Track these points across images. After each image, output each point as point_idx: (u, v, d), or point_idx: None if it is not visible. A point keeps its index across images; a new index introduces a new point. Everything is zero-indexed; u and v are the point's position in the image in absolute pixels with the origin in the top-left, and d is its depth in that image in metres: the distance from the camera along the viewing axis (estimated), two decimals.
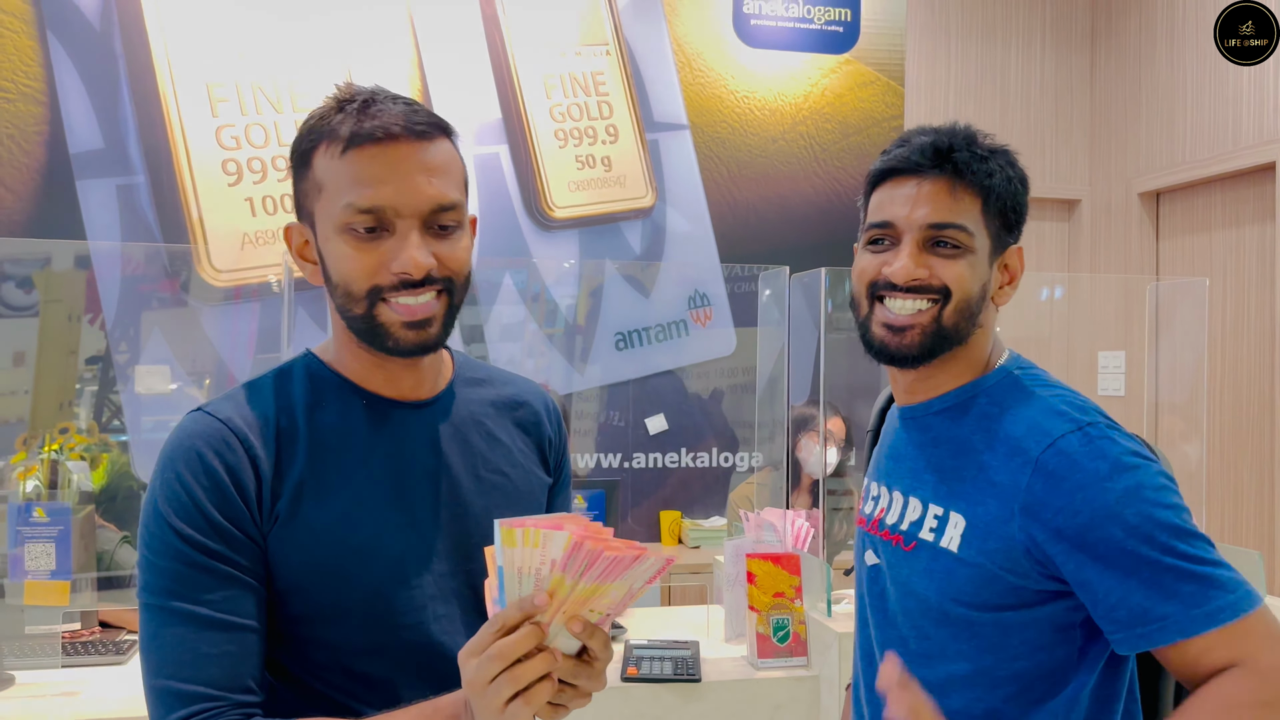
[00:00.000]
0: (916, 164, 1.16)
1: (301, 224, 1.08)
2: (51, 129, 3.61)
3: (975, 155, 1.15)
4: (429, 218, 1.02)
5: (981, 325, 1.18)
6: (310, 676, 1.06)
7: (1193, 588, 1.01)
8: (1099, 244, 4.63)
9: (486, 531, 1.12)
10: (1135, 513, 1.03)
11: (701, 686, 2.16)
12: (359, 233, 1.01)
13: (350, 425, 1.08)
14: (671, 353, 4.17)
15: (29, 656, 2.13)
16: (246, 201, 3.75)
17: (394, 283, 1.01)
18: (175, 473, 1.01)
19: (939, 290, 1.14)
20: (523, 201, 4.04)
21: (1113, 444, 1.07)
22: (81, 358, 3.58)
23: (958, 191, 1.14)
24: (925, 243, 1.15)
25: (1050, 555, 1.06)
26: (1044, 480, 1.07)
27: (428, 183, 1.01)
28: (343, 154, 1.01)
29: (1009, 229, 1.19)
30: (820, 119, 4.36)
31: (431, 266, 1.01)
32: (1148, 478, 1.05)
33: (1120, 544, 1.03)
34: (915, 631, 1.18)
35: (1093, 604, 1.05)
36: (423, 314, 1.03)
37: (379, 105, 1.02)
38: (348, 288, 1.03)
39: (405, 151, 1.01)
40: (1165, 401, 3.39)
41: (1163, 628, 1.01)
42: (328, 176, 1.02)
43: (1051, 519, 1.06)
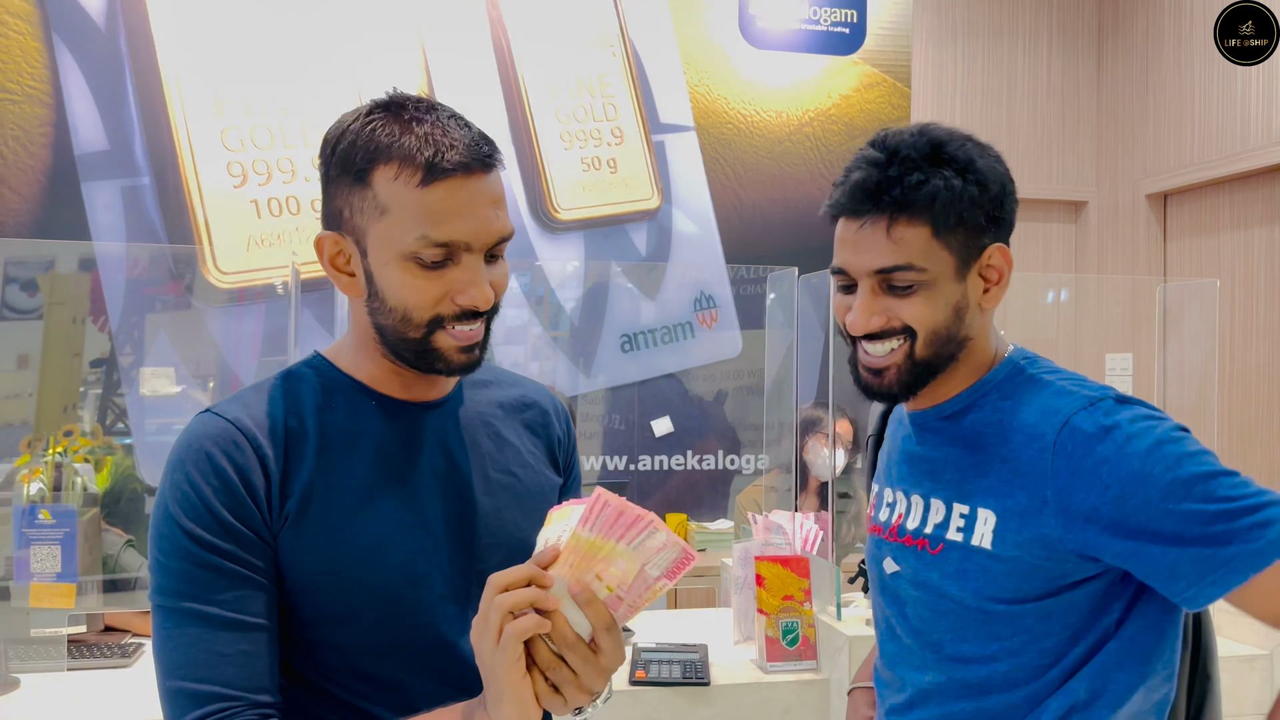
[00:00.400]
0: (853, 208, 1.13)
1: (341, 235, 1.05)
2: (57, 130, 3.61)
3: (910, 184, 1.10)
4: (490, 249, 1.04)
5: (973, 336, 1.17)
6: (321, 678, 1.05)
7: (1248, 522, 1.00)
8: (1106, 246, 4.61)
9: (495, 532, 1.12)
10: (1164, 470, 1.02)
11: (710, 690, 2.14)
12: (425, 263, 1.00)
13: (359, 426, 1.08)
14: (677, 355, 4.16)
15: (34, 660, 2.12)
16: (251, 204, 3.75)
17: (456, 313, 1.02)
18: (185, 474, 1.00)
19: (902, 330, 1.13)
20: (528, 203, 4.04)
21: (1123, 413, 1.07)
22: (86, 360, 3.58)
23: (898, 228, 1.10)
24: (879, 285, 1.13)
25: (1090, 540, 1.05)
26: (1065, 462, 1.06)
27: (495, 216, 1.02)
28: (421, 185, 0.99)
29: (979, 234, 1.13)
30: (826, 120, 4.34)
31: (492, 298, 1.03)
32: (1164, 433, 1.04)
33: (1159, 506, 1.02)
34: (951, 634, 1.16)
35: (1152, 573, 1.04)
36: (475, 339, 1.05)
37: (445, 127, 1.01)
38: (408, 314, 1.02)
39: (478, 185, 1.01)
40: (1174, 404, 3.37)
41: (1231, 569, 1.00)
42: (398, 203, 1.00)
43: (1083, 501, 1.05)
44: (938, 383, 1.18)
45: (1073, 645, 1.11)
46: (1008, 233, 1.18)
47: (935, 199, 1.10)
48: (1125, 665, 1.11)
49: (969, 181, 1.11)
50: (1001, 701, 1.14)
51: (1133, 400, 1.10)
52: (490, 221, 1.02)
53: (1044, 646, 1.12)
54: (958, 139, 1.14)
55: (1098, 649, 1.11)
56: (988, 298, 1.16)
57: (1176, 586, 1.03)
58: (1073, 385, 1.13)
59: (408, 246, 1.00)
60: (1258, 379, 3.89)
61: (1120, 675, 1.11)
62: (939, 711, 1.18)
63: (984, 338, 1.19)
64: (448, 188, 0.99)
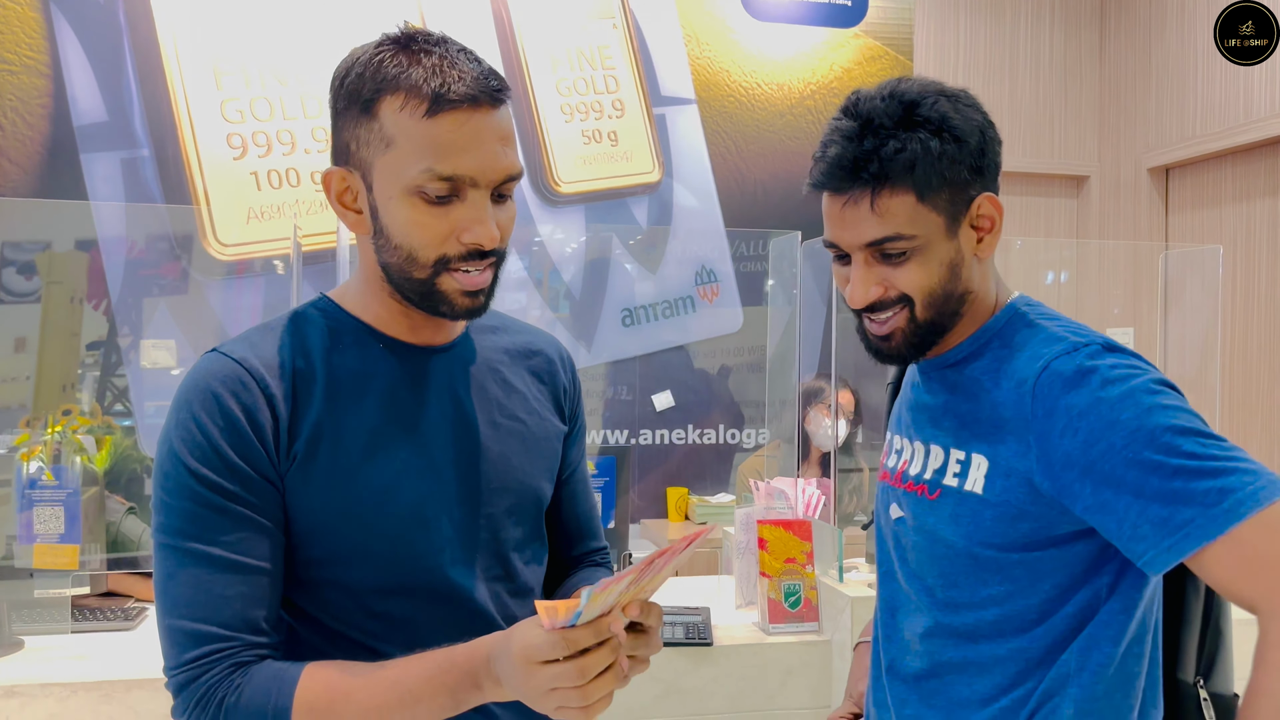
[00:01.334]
0: (834, 185, 1.12)
1: (348, 170, 1.04)
2: (55, 102, 3.59)
3: (887, 155, 1.08)
4: (497, 187, 1.02)
5: (973, 288, 1.16)
6: (330, 618, 1.05)
7: (1207, 485, 0.96)
8: (1108, 220, 4.60)
9: (503, 476, 1.12)
10: (1132, 417, 1.00)
11: (713, 650, 2.15)
12: (430, 197, 0.99)
13: (368, 368, 1.07)
14: (678, 329, 4.15)
15: (38, 622, 2.12)
16: (251, 175, 3.73)
17: (462, 253, 1.01)
18: (190, 413, 1.00)
19: (898, 300, 1.14)
20: (528, 176, 4.02)
21: (1105, 359, 1.05)
22: (83, 342, 3.57)
23: (881, 200, 1.09)
24: (872, 256, 1.13)
25: (1065, 487, 1.04)
26: (1043, 406, 1.06)
27: (504, 153, 1.01)
28: (427, 116, 0.98)
29: (964, 188, 1.12)
30: (828, 94, 4.33)
31: (499, 238, 1.02)
32: (1142, 383, 1.02)
33: (1123, 453, 0.99)
34: (942, 580, 1.17)
35: (1116, 529, 1.02)
36: (481, 283, 1.03)
37: (453, 59, 1.00)
38: (413, 253, 1.01)
39: (486, 119, 1.00)
40: (1175, 374, 3.37)
41: (1186, 535, 0.97)
42: (403, 134, 0.99)
43: (1058, 445, 1.04)
44: (945, 336, 1.19)
45: (1061, 604, 1.10)
46: (994, 178, 1.16)
47: (915, 165, 1.08)
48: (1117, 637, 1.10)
49: (946, 140, 1.10)
50: (988, 651, 1.14)
51: (1122, 349, 1.08)
52: (498, 158, 1.00)
53: (1030, 601, 1.11)
54: (929, 96, 1.12)
55: (1089, 615, 1.10)
56: (982, 247, 1.16)
57: (1138, 548, 1.00)
58: (1065, 331, 1.12)
59: (412, 179, 0.99)
60: (1259, 351, 3.89)
61: (1111, 647, 1.10)
62: (929, 659, 1.19)
63: (984, 287, 1.18)
64: (454, 120, 0.98)
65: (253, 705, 0.94)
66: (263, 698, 0.95)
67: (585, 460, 1.31)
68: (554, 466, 1.21)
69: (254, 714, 0.94)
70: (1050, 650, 1.11)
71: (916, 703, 1.20)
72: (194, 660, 0.96)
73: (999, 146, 1.17)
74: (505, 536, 1.12)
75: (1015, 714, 1.12)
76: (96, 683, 1.85)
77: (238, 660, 0.96)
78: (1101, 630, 1.09)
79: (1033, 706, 1.11)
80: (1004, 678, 1.13)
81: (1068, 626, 1.10)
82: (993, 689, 1.13)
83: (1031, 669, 1.12)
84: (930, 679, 1.18)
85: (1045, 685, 1.11)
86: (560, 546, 1.29)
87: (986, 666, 1.14)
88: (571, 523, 1.29)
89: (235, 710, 0.95)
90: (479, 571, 1.10)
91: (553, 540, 1.28)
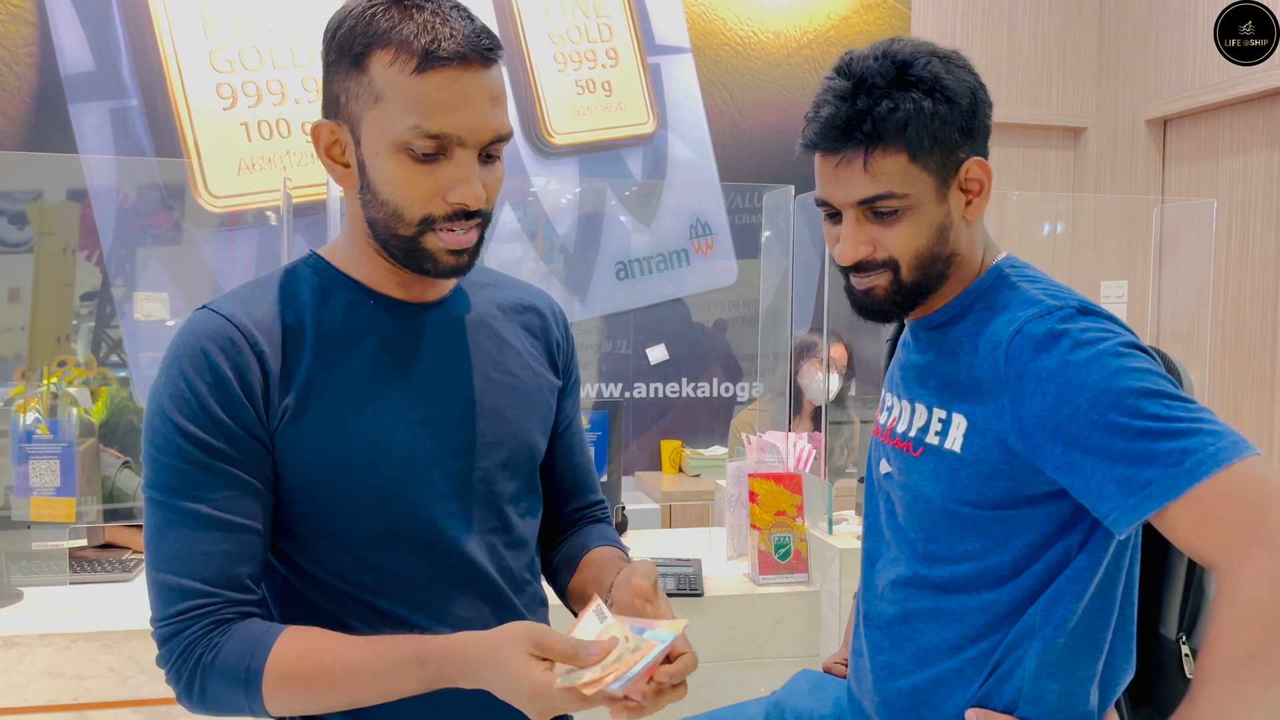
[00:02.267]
0: (828, 145, 1.13)
1: (337, 123, 1.03)
2: (42, 51, 3.54)
3: (880, 114, 1.09)
4: (485, 147, 1.02)
5: (959, 250, 1.18)
6: (324, 571, 1.07)
7: (1169, 445, 0.98)
8: (1105, 172, 4.58)
9: (498, 430, 1.13)
10: (1099, 379, 1.01)
11: (704, 601, 2.18)
12: (417, 155, 0.99)
13: (358, 324, 1.07)
14: (672, 283, 4.15)
15: (37, 574, 2.14)
16: (242, 126, 3.70)
17: (448, 212, 1.01)
18: (180, 370, 1.01)
19: (885, 263, 1.15)
20: (521, 128, 3.99)
21: (1077, 322, 1.06)
22: (77, 294, 3.56)
23: (874, 159, 1.11)
24: (863, 215, 1.14)
25: (1036, 447, 1.06)
26: (1016, 368, 1.07)
27: (492, 113, 1.00)
28: (416, 72, 0.97)
29: (955, 150, 1.13)
30: (825, 43, 4.28)
31: (485, 199, 1.02)
32: (1112, 346, 1.03)
33: (1088, 415, 1.01)
34: (922, 534, 1.19)
35: (1083, 489, 1.04)
36: (467, 243, 1.04)
37: (445, 16, 0.99)
38: (399, 211, 1.01)
39: (476, 78, 0.99)
40: (1168, 328, 3.38)
41: (1149, 494, 0.98)
42: (392, 90, 0.98)
43: (1029, 407, 1.06)
44: (930, 296, 1.20)
45: (1033, 560, 1.13)
46: (984, 141, 1.17)
47: (907, 125, 1.10)
48: (1081, 593, 1.12)
49: (938, 101, 1.11)
50: (959, 603, 1.16)
51: (1096, 312, 1.09)
52: (486, 118, 1.00)
53: (1004, 558, 1.13)
54: (922, 56, 1.12)
55: (1058, 571, 1.12)
56: (971, 210, 1.17)
57: (1103, 508, 1.02)
58: (1042, 294, 1.12)
59: (400, 136, 0.98)
60: (1251, 304, 3.90)
61: (1074, 602, 1.12)
62: (903, 606, 1.22)
63: (971, 249, 1.20)
64: (443, 77, 0.97)
65: (228, 665, 0.97)
66: (237, 659, 0.97)
67: (580, 414, 1.32)
68: (548, 420, 1.21)
69: (229, 674, 0.97)
70: (1019, 604, 1.13)
71: (889, 649, 1.23)
72: (177, 615, 0.98)
73: (989, 110, 1.17)
74: (500, 490, 1.14)
75: (982, 664, 1.15)
76: (95, 633, 1.87)
77: (219, 618, 0.98)
78: (1067, 586, 1.11)
79: (998, 657, 1.14)
80: (973, 628, 1.16)
81: (1037, 582, 1.13)
82: (960, 639, 1.16)
83: (999, 621, 1.14)
84: (901, 625, 1.22)
85: (1010, 637, 1.13)
86: (557, 501, 1.30)
87: (957, 616, 1.17)
88: (568, 476, 1.30)
89: (212, 669, 0.97)
90: (474, 524, 1.11)
91: (549, 495, 1.29)
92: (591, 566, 1.22)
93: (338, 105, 1.03)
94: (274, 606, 1.11)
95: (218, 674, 0.97)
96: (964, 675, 1.16)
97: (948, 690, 1.17)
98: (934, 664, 1.18)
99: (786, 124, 4.23)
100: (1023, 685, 1.13)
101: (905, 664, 1.21)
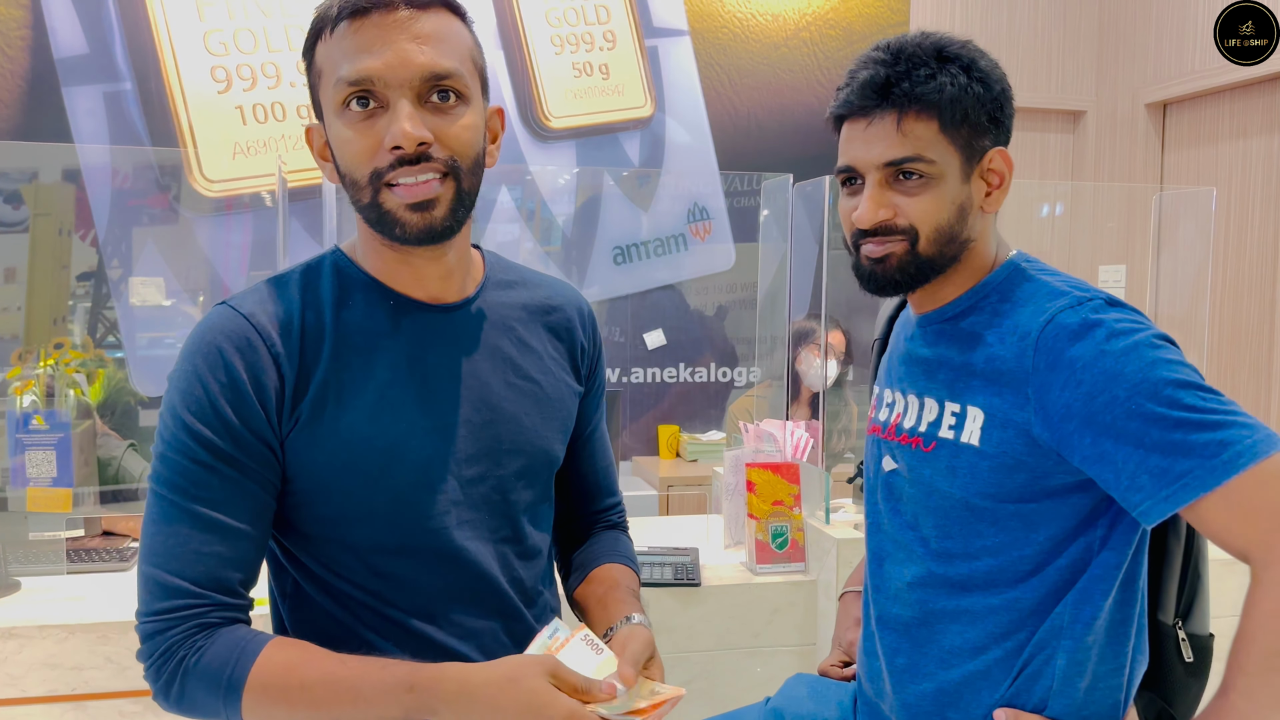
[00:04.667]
0: (861, 105, 1.15)
1: (320, 124, 1.05)
2: (35, 33, 3.51)
3: (918, 79, 1.12)
4: (422, 88, 0.98)
5: (974, 238, 1.18)
6: (335, 576, 1.06)
7: (1207, 437, 0.99)
8: (1104, 156, 4.56)
9: (517, 437, 1.11)
10: (1136, 369, 1.02)
11: (701, 590, 2.18)
12: (354, 111, 0.98)
13: (377, 326, 1.06)
14: (670, 267, 4.14)
15: (34, 563, 2.14)
16: (236, 109, 3.67)
17: (391, 161, 0.97)
18: (194, 367, 1.00)
19: (905, 230, 1.15)
20: (518, 111, 3.96)
21: (1109, 313, 1.07)
22: (73, 274, 3.55)
23: (907, 121, 1.13)
24: (887, 179, 1.15)
25: (1064, 438, 1.06)
26: (1045, 358, 1.07)
27: (419, 50, 0.97)
28: (333, 32, 0.98)
29: (981, 134, 1.15)
30: (824, 25, 4.25)
31: (425, 138, 0.97)
32: (1146, 338, 1.04)
33: (1125, 404, 1.01)
34: (937, 530, 1.18)
35: (1114, 479, 1.04)
36: (423, 194, 0.98)
37: None
38: (351, 174, 1.00)
39: (396, 20, 0.97)
40: (1165, 313, 3.38)
41: (1184, 485, 0.99)
42: (324, 60, 1.00)
43: (1059, 397, 1.06)
44: (938, 284, 1.20)
45: (1055, 556, 1.12)
46: (1006, 138, 1.20)
47: (943, 93, 1.12)
48: (1108, 590, 1.12)
49: (974, 79, 1.14)
50: (981, 602, 1.16)
51: (1123, 305, 1.10)
52: (409, 55, 0.96)
53: (1024, 552, 1.13)
54: (959, 41, 1.17)
55: (1082, 567, 1.12)
56: (990, 200, 1.18)
57: (1134, 498, 1.03)
58: (1067, 286, 1.13)
59: (334, 97, 0.98)
60: (1249, 290, 3.89)
61: (1102, 600, 1.12)
62: (923, 608, 1.21)
63: (985, 241, 1.20)
64: (359, 25, 0.96)
65: (210, 669, 0.95)
66: (220, 665, 0.95)
67: (604, 417, 1.31)
68: (568, 427, 1.19)
69: (211, 678, 0.95)
70: (1043, 601, 1.13)
71: (910, 650, 1.22)
72: (163, 612, 0.97)
73: (1013, 112, 1.21)
74: (515, 498, 1.12)
75: (1009, 664, 1.15)
76: (94, 624, 1.87)
77: (205, 621, 0.97)
78: (1094, 584, 1.12)
79: (1026, 656, 1.14)
80: (997, 627, 1.15)
81: (1060, 578, 1.13)
82: (985, 638, 1.16)
83: (1024, 619, 1.14)
84: (921, 627, 1.21)
85: (1039, 636, 1.13)
86: (577, 503, 1.30)
87: (979, 616, 1.16)
88: (590, 477, 1.29)
89: (194, 671, 0.96)
90: (487, 533, 1.10)
91: (569, 496, 1.28)
92: (599, 584, 1.22)
93: (315, 105, 1.04)
94: (283, 607, 1.10)
95: (199, 677, 0.96)
96: (990, 675, 1.16)
97: (974, 691, 1.17)
98: (958, 665, 1.18)
99: (785, 107, 4.21)
100: (1053, 684, 1.13)
101: (928, 666, 1.20)
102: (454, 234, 1.02)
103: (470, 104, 1.01)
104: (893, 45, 1.16)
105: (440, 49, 0.98)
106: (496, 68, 3.93)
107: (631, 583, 1.23)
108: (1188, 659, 1.28)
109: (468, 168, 1.01)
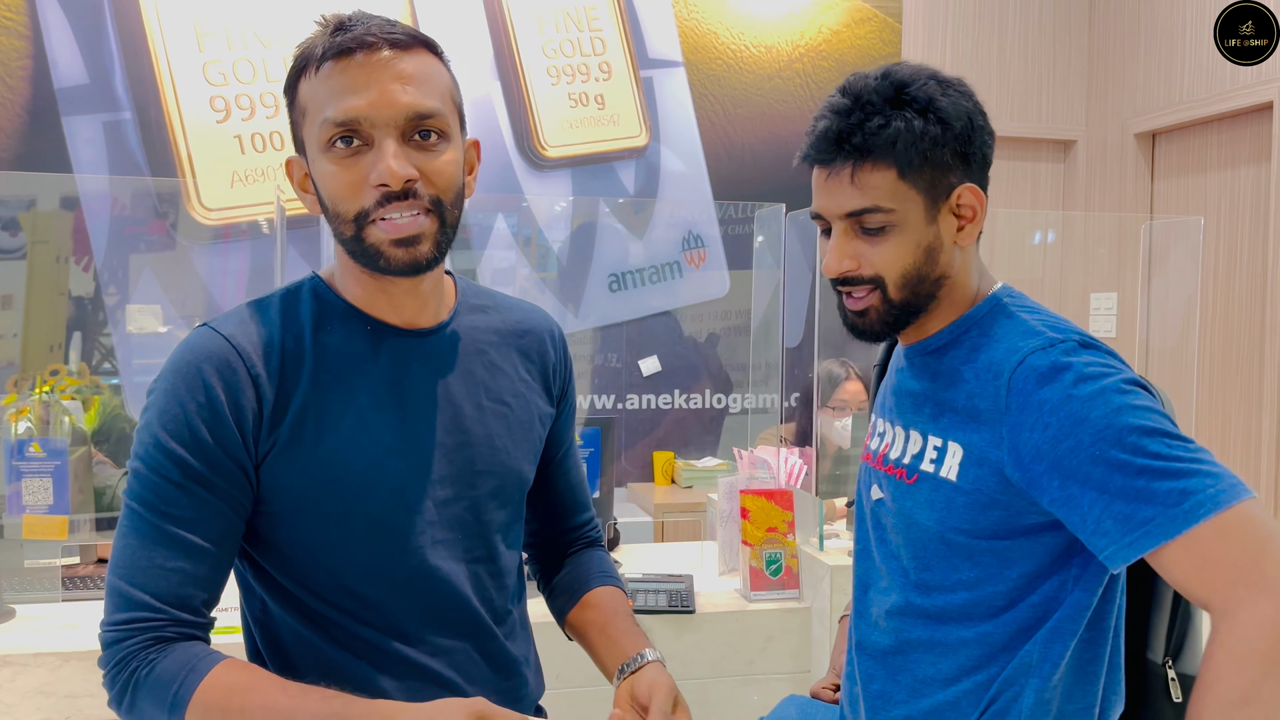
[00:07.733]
0: (818, 158, 1.16)
1: (300, 156, 1.07)
2: (36, 64, 3.54)
3: (870, 130, 1.11)
4: (406, 127, 1.00)
5: (949, 274, 1.18)
6: (309, 595, 1.07)
7: (1169, 485, 0.98)
8: (1094, 185, 4.61)
9: (489, 459, 1.13)
10: (1101, 415, 1.02)
11: (696, 618, 2.19)
12: (339, 149, 1.00)
13: (356, 351, 1.08)
14: (665, 294, 4.16)
15: (29, 590, 2.14)
16: (235, 139, 3.70)
17: (377, 199, 1.00)
18: (173, 386, 1.01)
19: (871, 279, 1.16)
20: (515, 140, 4.00)
21: (1081, 356, 1.07)
22: (70, 302, 3.56)
23: (862, 173, 1.13)
24: (851, 228, 1.16)
25: (1033, 479, 1.07)
26: (1017, 399, 1.08)
27: (402, 90, 0.99)
28: (317, 71, 1.00)
29: (946, 172, 1.14)
30: (817, 56, 4.30)
31: (411, 176, 0.99)
32: (1114, 383, 1.04)
33: (1090, 450, 1.01)
34: (916, 562, 1.19)
35: (1080, 523, 1.04)
36: (410, 230, 1.01)
37: (355, 21, 1.02)
38: (336, 209, 1.02)
39: (379, 61, 0.99)
40: (1156, 342, 3.41)
41: (1147, 533, 0.99)
42: (308, 98, 1.02)
43: (1029, 439, 1.06)
44: (922, 320, 1.21)
45: (1028, 593, 1.13)
46: (980, 169, 1.18)
47: (897, 141, 1.11)
48: (1078, 630, 1.12)
49: (930, 121, 1.12)
50: (954, 634, 1.17)
51: (1098, 346, 1.10)
52: (394, 94, 0.99)
53: (999, 588, 1.14)
54: (921, 78, 1.14)
55: (1054, 605, 1.12)
56: (963, 235, 1.17)
57: (1099, 543, 1.02)
58: (1043, 325, 1.13)
59: (319, 135, 1.01)
60: (1239, 318, 3.93)
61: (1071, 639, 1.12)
62: (898, 636, 1.22)
63: (964, 275, 1.20)
64: (343, 65, 0.99)
65: (158, 685, 0.97)
66: (169, 680, 0.96)
67: (575, 434, 1.33)
68: (538, 449, 1.22)
69: (157, 694, 0.97)
70: (1014, 638, 1.14)
71: (884, 678, 1.23)
72: (122, 623, 0.99)
73: (989, 139, 1.18)
74: (489, 519, 1.14)
75: (978, 697, 1.15)
76: (88, 652, 1.87)
77: (161, 635, 0.99)
78: (1065, 624, 1.12)
79: (995, 692, 1.14)
80: (968, 660, 1.16)
81: (1033, 615, 1.13)
82: (956, 670, 1.17)
83: (995, 654, 1.15)
84: (896, 655, 1.22)
85: (1008, 673, 1.14)
86: (552, 520, 1.32)
87: (952, 648, 1.17)
88: (566, 494, 1.32)
89: (144, 684, 0.97)
90: (460, 553, 1.11)
91: (545, 514, 1.30)
92: (596, 610, 1.24)
93: (296, 140, 1.07)
94: (255, 630, 1.11)
95: (148, 690, 0.97)
96: (959, 707, 1.16)
97: None
98: (929, 695, 1.18)
99: (778, 137, 4.25)
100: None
101: (900, 694, 1.21)
102: (437, 265, 1.06)
103: (451, 141, 1.04)
104: (852, 88, 1.15)
105: (423, 89, 1.01)
106: (494, 98, 3.97)
107: (627, 607, 1.25)
108: (1176, 699, 1.28)
109: (450, 202, 1.04)
